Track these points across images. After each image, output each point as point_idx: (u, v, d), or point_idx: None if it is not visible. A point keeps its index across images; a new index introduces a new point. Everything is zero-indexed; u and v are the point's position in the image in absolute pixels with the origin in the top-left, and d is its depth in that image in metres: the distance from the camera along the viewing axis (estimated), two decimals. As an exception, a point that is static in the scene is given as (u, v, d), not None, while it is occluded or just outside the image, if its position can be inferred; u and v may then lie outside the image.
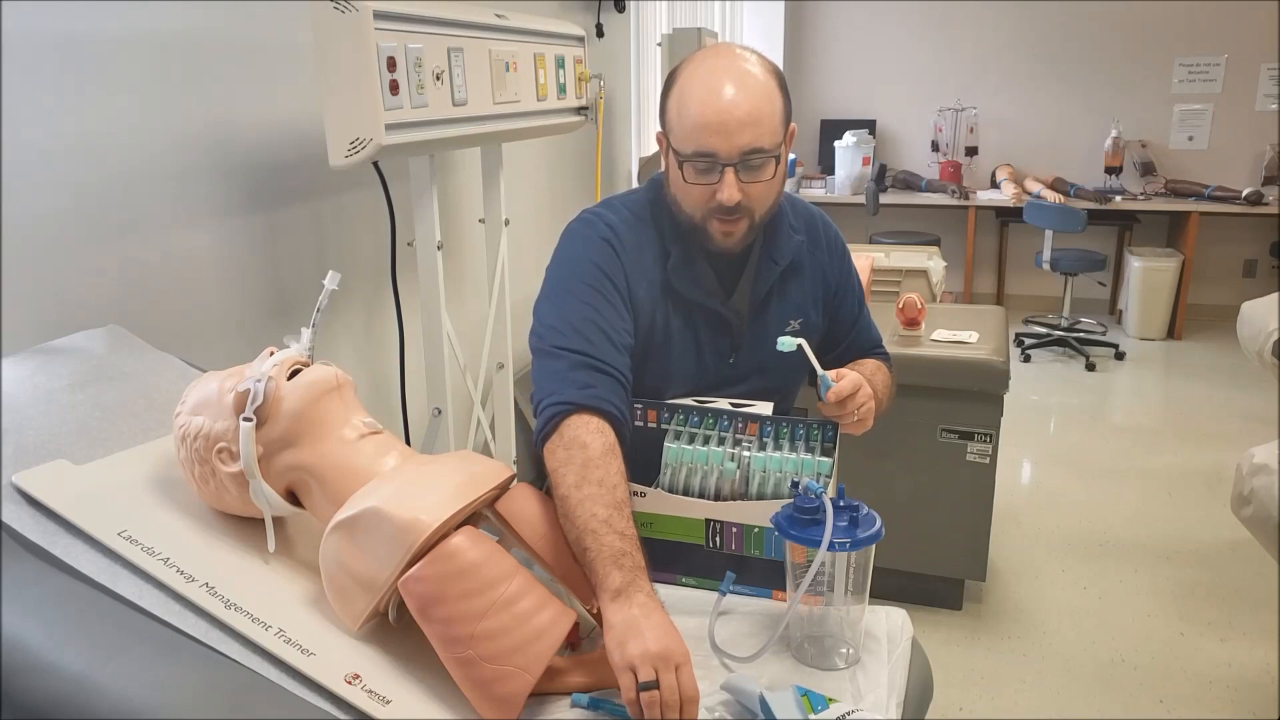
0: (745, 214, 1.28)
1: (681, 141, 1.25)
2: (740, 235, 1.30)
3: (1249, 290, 5.70)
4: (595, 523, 1.07)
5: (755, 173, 1.25)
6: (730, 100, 1.21)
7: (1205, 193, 5.41)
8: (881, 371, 1.48)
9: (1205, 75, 5.62)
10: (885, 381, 1.46)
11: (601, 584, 1.03)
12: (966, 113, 6.03)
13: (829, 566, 1.10)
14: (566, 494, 1.10)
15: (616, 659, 0.96)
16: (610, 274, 1.30)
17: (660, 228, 1.36)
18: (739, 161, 1.23)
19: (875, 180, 5.81)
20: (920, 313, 2.60)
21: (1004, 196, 5.61)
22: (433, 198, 1.91)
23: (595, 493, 1.09)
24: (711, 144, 1.22)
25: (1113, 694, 2.33)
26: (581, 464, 1.12)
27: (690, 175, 1.26)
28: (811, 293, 1.45)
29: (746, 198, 1.26)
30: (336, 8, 1.52)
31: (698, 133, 1.22)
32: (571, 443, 1.15)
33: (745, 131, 1.21)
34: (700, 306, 1.36)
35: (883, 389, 1.42)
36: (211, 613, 0.95)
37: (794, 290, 1.43)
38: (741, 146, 1.22)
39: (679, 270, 1.34)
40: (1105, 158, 5.73)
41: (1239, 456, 2.10)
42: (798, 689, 0.99)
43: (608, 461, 1.14)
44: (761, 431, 1.27)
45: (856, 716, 0.98)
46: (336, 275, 1.16)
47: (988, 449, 2.48)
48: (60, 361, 1.20)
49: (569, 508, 1.09)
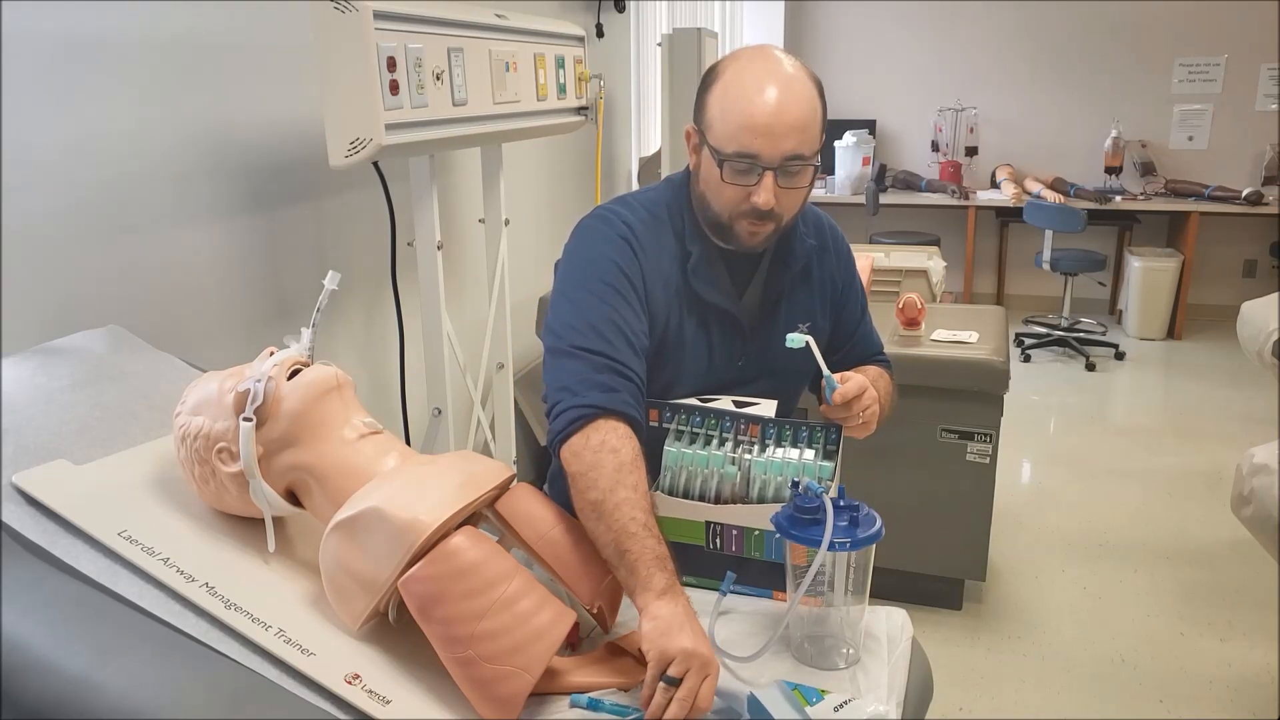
0: (775, 219, 1.27)
1: (723, 140, 1.23)
2: (765, 237, 1.30)
3: (1249, 290, 5.69)
4: (635, 525, 1.08)
5: (793, 179, 1.25)
6: (779, 104, 1.21)
7: (1205, 193, 5.41)
8: (884, 379, 1.47)
9: (1205, 75, 5.63)
10: (887, 388, 1.46)
11: (645, 583, 1.04)
12: (966, 113, 6.03)
13: (829, 566, 1.10)
14: (600, 498, 1.10)
15: (658, 647, 0.98)
16: (629, 274, 1.28)
17: (678, 228, 1.35)
18: (779, 166, 1.22)
19: (875, 180, 5.81)
20: (920, 313, 2.60)
21: (1004, 196, 5.61)
22: (433, 198, 1.91)
23: (631, 497, 1.10)
24: (755, 146, 1.21)
25: (1113, 694, 2.33)
26: (615, 468, 1.12)
27: (729, 175, 1.24)
28: (819, 297, 1.45)
29: (779, 204, 1.25)
30: (336, 8, 1.52)
31: (742, 134, 1.21)
32: (600, 446, 1.14)
33: (791, 137, 1.21)
34: (714, 308, 1.35)
35: (885, 394, 1.42)
36: (211, 613, 0.95)
37: (803, 294, 1.43)
38: (785, 152, 1.22)
39: (699, 271, 1.33)
40: (1105, 158, 5.73)
41: (1239, 456, 2.10)
42: (786, 684, 0.99)
43: (638, 468, 1.14)
44: (763, 433, 1.26)
45: (853, 705, 0.98)
46: (337, 275, 1.15)
47: (988, 449, 2.48)
48: (60, 361, 1.20)
49: (604, 510, 1.09)
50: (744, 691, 1.00)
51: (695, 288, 1.33)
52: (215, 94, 1.67)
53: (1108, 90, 5.79)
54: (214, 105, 1.67)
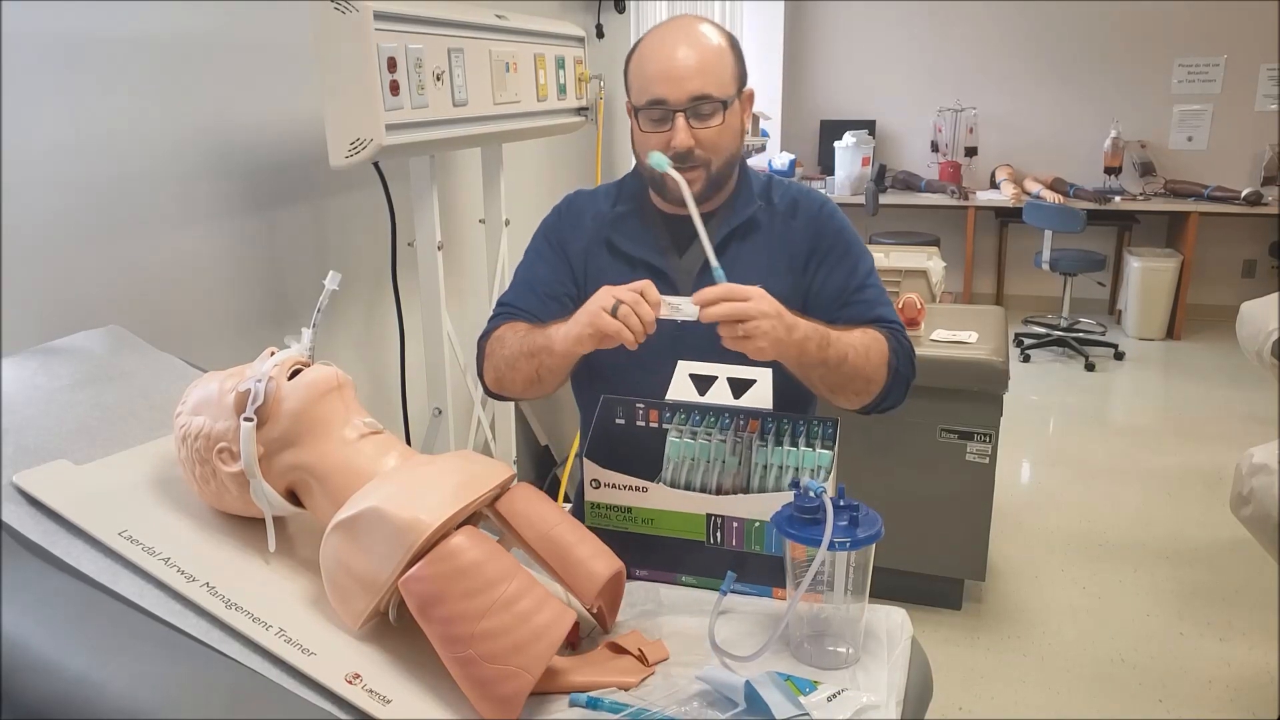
0: (701, 163, 1.35)
1: (637, 95, 1.36)
2: (699, 188, 1.36)
3: (1248, 290, 5.69)
4: (528, 345, 1.34)
5: (706, 119, 1.33)
6: (680, 52, 1.33)
7: (1205, 193, 5.41)
8: (868, 336, 1.36)
9: (1205, 75, 5.63)
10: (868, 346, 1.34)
11: (557, 334, 1.27)
12: (966, 113, 6.03)
13: (829, 566, 1.10)
14: (509, 355, 1.38)
15: (589, 306, 1.20)
16: (548, 236, 1.51)
17: (615, 196, 1.50)
18: (688, 108, 1.32)
19: (875, 180, 5.82)
20: (920, 313, 2.61)
21: (1003, 197, 5.61)
22: (433, 198, 1.92)
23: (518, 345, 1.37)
24: (661, 91, 1.32)
25: (1113, 694, 2.33)
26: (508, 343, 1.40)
27: (645, 124, 1.36)
28: (770, 259, 1.43)
29: (700, 145, 1.34)
30: (337, 8, 1.52)
31: (650, 84, 1.33)
32: (494, 341, 1.43)
33: (695, 79, 1.32)
34: (643, 263, 1.43)
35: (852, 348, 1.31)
36: (212, 612, 0.96)
37: (748, 253, 1.43)
38: (691, 93, 1.32)
39: (618, 225, 1.46)
40: (1105, 158, 5.73)
41: (1239, 456, 2.10)
42: (779, 675, 0.99)
43: (516, 334, 1.40)
44: (763, 427, 1.28)
45: (847, 695, 0.98)
46: (337, 275, 1.15)
47: (987, 449, 2.49)
48: (60, 361, 1.20)
49: (512, 358, 1.37)
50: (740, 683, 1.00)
51: (615, 240, 1.45)
52: (215, 94, 1.67)
53: (1108, 90, 5.79)
54: (214, 105, 1.67)
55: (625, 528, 1.27)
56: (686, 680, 1.03)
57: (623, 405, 1.33)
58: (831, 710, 0.97)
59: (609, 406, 1.33)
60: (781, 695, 0.95)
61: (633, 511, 1.27)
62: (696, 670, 1.02)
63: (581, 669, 1.06)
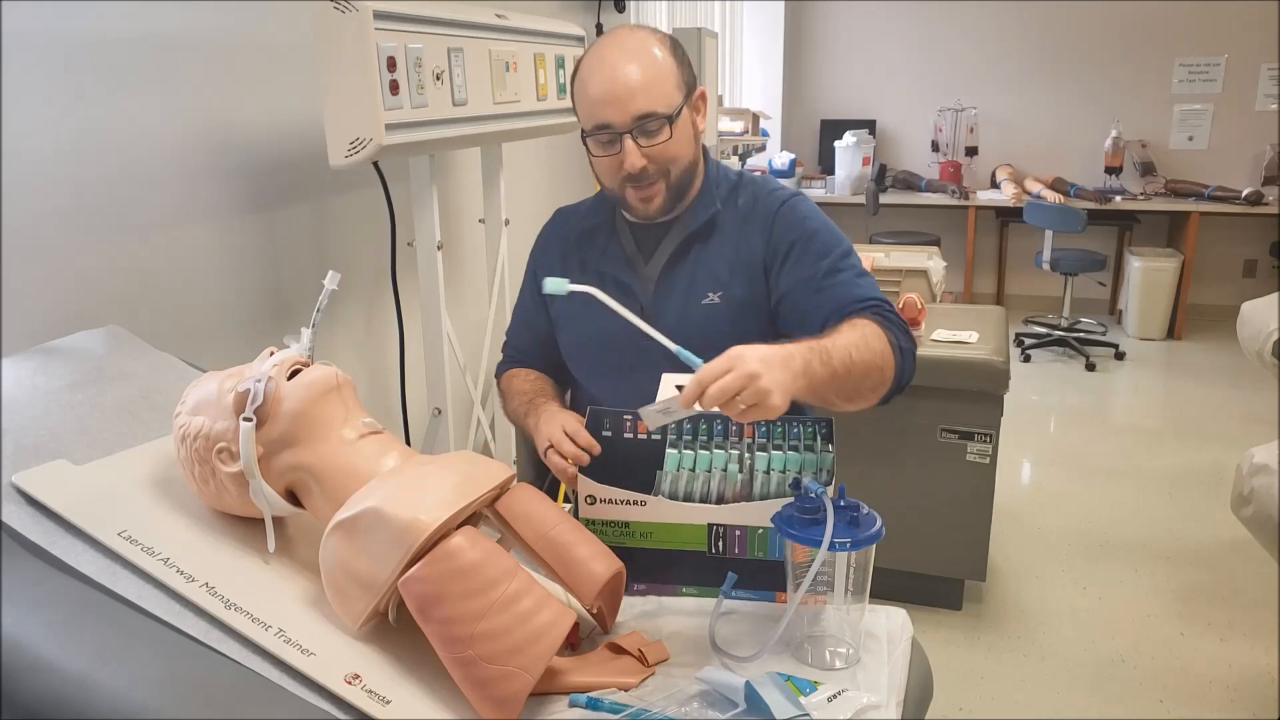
0: (658, 177, 1.36)
1: (584, 119, 1.36)
2: (661, 200, 1.38)
3: (1249, 290, 5.69)
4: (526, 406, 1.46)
5: (653, 136, 1.33)
6: (617, 72, 1.30)
7: (1205, 193, 5.41)
8: (856, 327, 1.26)
9: (1205, 75, 5.63)
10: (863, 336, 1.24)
11: (535, 426, 1.38)
12: (966, 113, 6.03)
13: (829, 566, 1.10)
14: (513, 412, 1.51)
15: (541, 430, 1.35)
16: (530, 264, 1.60)
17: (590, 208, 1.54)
18: (634, 128, 1.31)
19: (875, 180, 5.81)
20: (920, 313, 2.60)
21: (1004, 196, 5.61)
22: (433, 198, 1.91)
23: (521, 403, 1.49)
24: (605, 115, 1.31)
25: (1113, 694, 2.33)
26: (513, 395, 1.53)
27: (596, 149, 1.36)
28: (732, 261, 1.41)
29: (652, 161, 1.34)
30: (336, 8, 1.52)
31: (594, 107, 1.32)
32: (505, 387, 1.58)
33: (636, 99, 1.30)
34: (610, 277, 1.46)
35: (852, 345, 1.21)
36: (211, 613, 0.95)
37: (711, 257, 1.42)
38: (634, 113, 1.30)
39: (585, 241, 1.51)
40: (1105, 158, 5.72)
41: (1239, 456, 2.10)
42: (780, 675, 0.99)
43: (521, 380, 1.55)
44: (756, 432, 1.27)
45: (847, 695, 0.98)
46: (336, 275, 1.15)
47: (988, 449, 2.48)
48: (60, 361, 1.20)
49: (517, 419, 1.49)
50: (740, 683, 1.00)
51: (582, 257, 1.49)
52: (215, 94, 1.67)
53: (1108, 90, 5.79)
54: (214, 105, 1.67)
55: (623, 543, 1.25)
56: (686, 681, 1.04)
57: (609, 417, 1.29)
58: (832, 711, 0.97)
59: (596, 418, 1.30)
60: (782, 696, 0.95)
61: (630, 526, 1.26)
62: (696, 671, 1.02)
63: (581, 669, 1.06)
